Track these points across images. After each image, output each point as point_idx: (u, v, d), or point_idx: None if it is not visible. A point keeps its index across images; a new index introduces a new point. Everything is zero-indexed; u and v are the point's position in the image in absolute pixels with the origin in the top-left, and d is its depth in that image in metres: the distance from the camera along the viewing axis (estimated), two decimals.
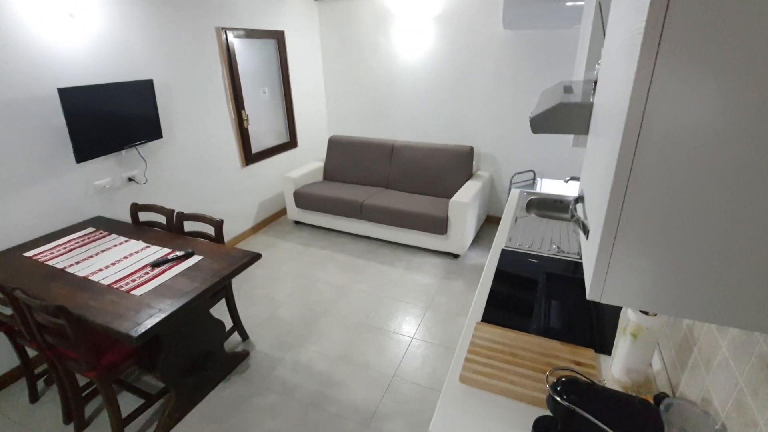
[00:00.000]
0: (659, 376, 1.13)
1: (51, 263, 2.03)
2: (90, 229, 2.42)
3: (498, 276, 1.69)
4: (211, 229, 3.18)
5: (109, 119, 2.51)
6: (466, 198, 3.35)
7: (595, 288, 0.67)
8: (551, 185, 3.50)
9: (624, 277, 0.64)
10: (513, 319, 1.41)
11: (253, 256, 2.10)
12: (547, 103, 1.07)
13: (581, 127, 1.01)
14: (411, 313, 2.85)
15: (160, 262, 2.02)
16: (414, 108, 4.30)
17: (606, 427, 0.79)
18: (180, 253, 2.09)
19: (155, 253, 2.13)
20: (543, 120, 1.03)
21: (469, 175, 3.83)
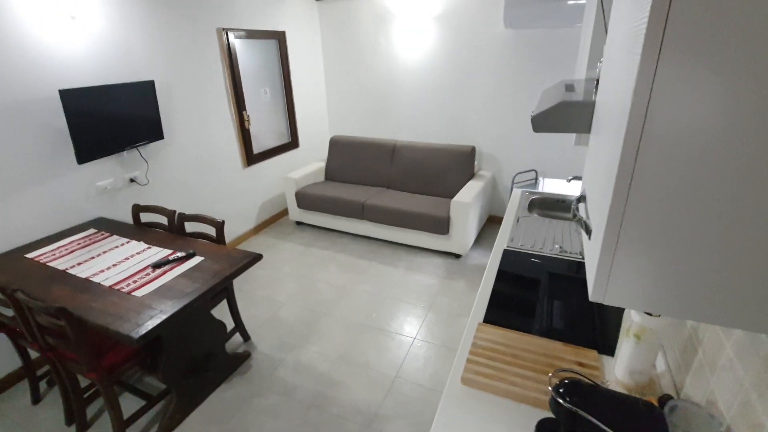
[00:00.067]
0: (663, 378, 1.12)
1: (52, 265, 2.04)
2: (92, 231, 2.43)
3: (500, 276, 1.68)
4: (213, 230, 3.18)
5: (110, 120, 2.51)
6: (467, 198, 3.34)
7: (598, 289, 0.66)
8: (553, 185, 3.48)
9: (627, 278, 0.63)
10: (515, 320, 1.40)
11: (254, 256, 2.10)
12: (549, 102, 1.06)
13: (583, 125, 1.01)
14: (413, 313, 2.84)
15: (162, 263, 2.02)
16: (415, 108, 4.29)
17: (609, 429, 0.78)
18: (181, 254, 2.09)
19: (156, 254, 2.13)
20: (544, 119, 1.02)
21: (470, 175, 3.82)
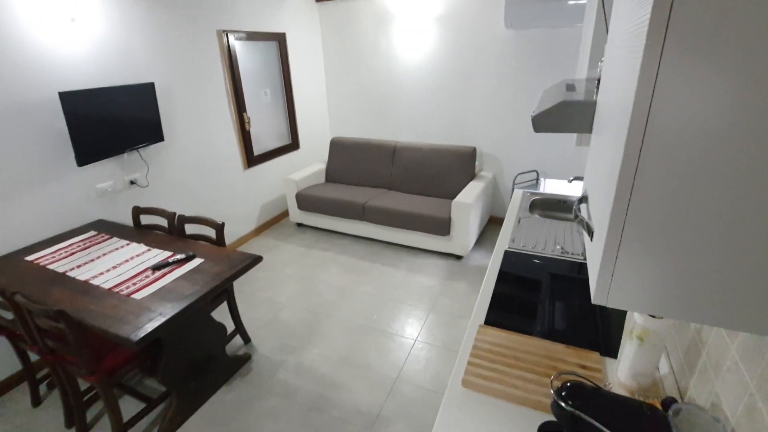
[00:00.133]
0: (667, 381, 1.11)
1: (52, 267, 2.03)
2: (91, 233, 2.42)
3: (501, 277, 1.67)
4: (213, 232, 3.17)
5: (110, 122, 2.51)
6: (468, 199, 3.33)
7: (601, 291, 0.65)
8: (555, 185, 3.46)
9: (630, 280, 0.62)
10: (516, 322, 1.39)
11: (254, 258, 2.09)
12: (550, 102, 1.05)
13: (584, 125, 1.00)
14: (414, 315, 2.83)
15: (161, 266, 2.01)
16: (416, 109, 4.29)
17: None
18: (181, 256, 2.09)
19: (156, 256, 2.13)
20: (545, 118, 1.01)
21: (471, 176, 3.81)
